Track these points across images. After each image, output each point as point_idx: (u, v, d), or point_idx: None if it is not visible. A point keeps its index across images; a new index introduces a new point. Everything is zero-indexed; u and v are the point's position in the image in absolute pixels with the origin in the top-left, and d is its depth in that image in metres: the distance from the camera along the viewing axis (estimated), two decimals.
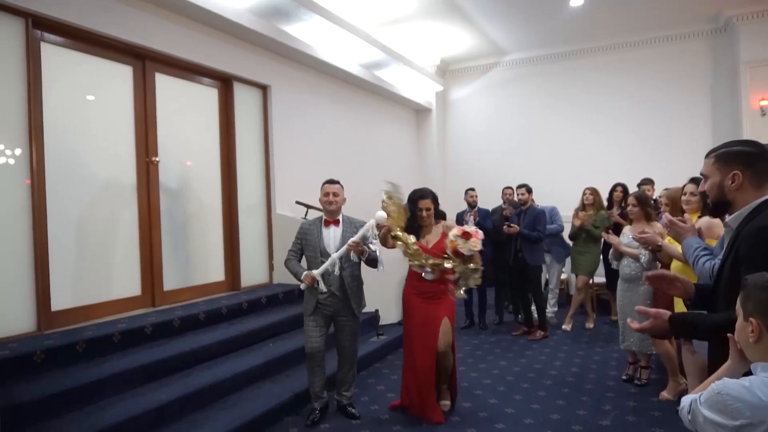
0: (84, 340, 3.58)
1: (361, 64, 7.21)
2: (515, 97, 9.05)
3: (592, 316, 6.23)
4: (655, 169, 6.78)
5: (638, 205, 4.11)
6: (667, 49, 7.99)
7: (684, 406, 1.43)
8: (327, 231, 3.65)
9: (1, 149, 3.65)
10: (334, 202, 3.64)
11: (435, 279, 3.58)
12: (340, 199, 3.67)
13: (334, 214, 3.67)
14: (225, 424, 3.29)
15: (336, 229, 3.65)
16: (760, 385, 1.26)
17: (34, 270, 3.79)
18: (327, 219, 3.68)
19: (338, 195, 3.66)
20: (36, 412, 2.94)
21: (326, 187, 3.68)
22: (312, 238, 3.65)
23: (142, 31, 4.48)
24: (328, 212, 3.68)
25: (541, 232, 5.62)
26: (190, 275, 5.10)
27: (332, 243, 3.61)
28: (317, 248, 3.62)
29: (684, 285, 1.93)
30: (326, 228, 3.66)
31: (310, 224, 3.75)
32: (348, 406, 3.73)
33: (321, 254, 3.59)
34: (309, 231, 3.69)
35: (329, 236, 3.64)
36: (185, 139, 5.10)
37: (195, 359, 3.93)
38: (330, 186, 3.68)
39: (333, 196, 3.64)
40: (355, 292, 3.65)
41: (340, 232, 3.63)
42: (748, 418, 1.23)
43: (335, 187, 3.68)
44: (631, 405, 3.76)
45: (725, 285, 1.73)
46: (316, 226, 3.69)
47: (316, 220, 3.75)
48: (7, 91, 3.68)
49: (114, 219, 4.43)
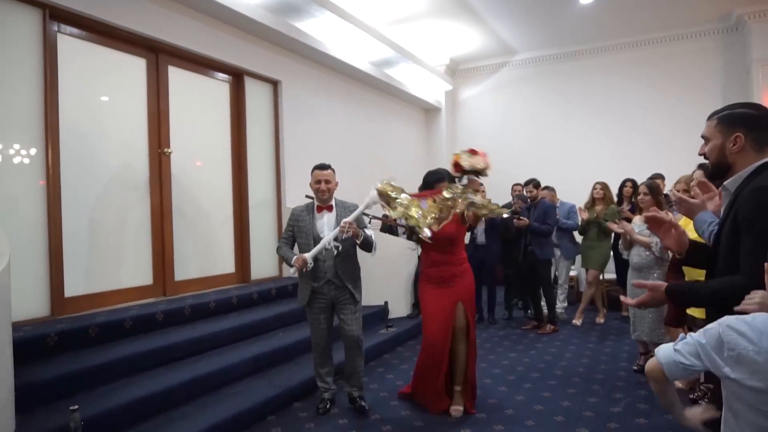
0: (96, 325, 3.62)
1: (371, 62, 7.25)
2: (524, 97, 9.05)
3: (603, 311, 6.19)
4: (665, 168, 6.70)
5: (650, 194, 4.10)
6: (678, 48, 7.97)
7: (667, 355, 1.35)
8: (320, 216, 3.52)
9: (19, 139, 3.71)
10: (327, 190, 3.48)
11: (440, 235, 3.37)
12: (332, 185, 3.52)
13: (327, 200, 3.53)
14: (234, 407, 3.31)
15: (329, 214, 3.52)
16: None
17: (49, 257, 3.84)
18: (320, 205, 3.54)
19: (330, 182, 3.49)
20: (48, 392, 2.97)
21: (317, 174, 3.50)
22: (304, 225, 3.50)
23: (156, 24, 4.55)
24: (320, 200, 3.53)
25: (550, 226, 5.60)
26: (201, 266, 5.14)
27: (326, 229, 3.47)
28: (310, 234, 3.47)
29: (679, 234, 1.95)
30: (318, 214, 3.53)
31: (301, 210, 3.58)
32: (358, 399, 3.58)
33: (314, 241, 3.44)
34: (301, 217, 3.54)
35: (323, 222, 3.50)
36: (197, 132, 5.16)
37: (205, 346, 3.96)
38: (321, 172, 3.49)
39: (325, 184, 3.47)
40: (351, 277, 3.52)
41: (334, 217, 3.50)
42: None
43: (327, 174, 3.49)
44: (643, 394, 3.73)
45: (725, 249, 1.71)
46: (308, 212, 3.54)
47: (308, 206, 3.59)
48: (25, 81, 3.75)
49: (127, 209, 4.48)
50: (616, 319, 6.17)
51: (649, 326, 4.05)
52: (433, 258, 3.56)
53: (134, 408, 3.06)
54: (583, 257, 6.00)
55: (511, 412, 3.49)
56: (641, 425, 3.21)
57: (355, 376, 3.61)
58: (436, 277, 3.55)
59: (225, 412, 3.23)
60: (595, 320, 6.05)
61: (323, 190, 3.46)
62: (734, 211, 1.69)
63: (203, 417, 3.15)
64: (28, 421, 2.69)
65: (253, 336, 4.36)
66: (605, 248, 5.84)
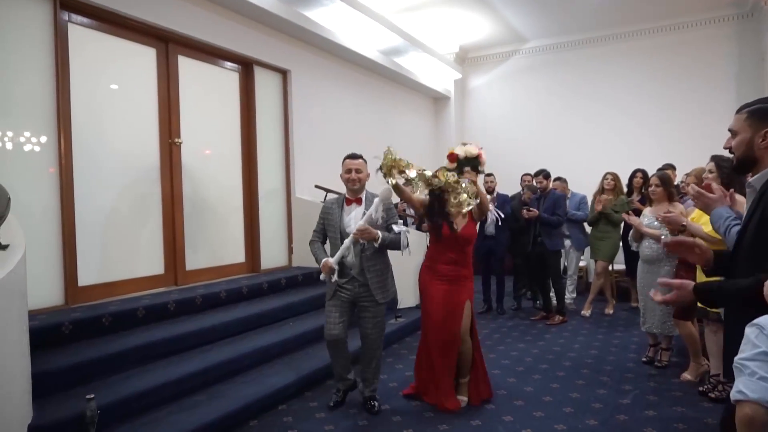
0: (109, 314, 3.66)
1: (380, 51, 7.21)
2: (534, 86, 8.96)
3: (612, 302, 6.18)
4: (676, 158, 6.61)
5: (661, 185, 4.06)
6: (691, 35, 7.84)
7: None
8: (348, 210, 3.37)
9: (31, 130, 3.74)
10: (358, 179, 3.31)
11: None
12: (363, 175, 3.35)
13: (358, 192, 3.37)
14: (246, 396, 3.35)
15: (358, 208, 3.35)
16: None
17: (62, 247, 3.89)
18: (349, 197, 3.40)
19: (361, 171, 3.34)
20: (64, 380, 3.02)
21: (348, 163, 3.35)
22: (333, 218, 3.38)
23: (166, 14, 4.55)
24: (351, 191, 3.38)
25: (560, 216, 5.58)
26: (211, 256, 5.17)
27: (353, 223, 3.29)
28: (338, 229, 3.35)
29: (703, 252, 1.89)
30: (347, 207, 3.38)
31: (331, 203, 3.47)
32: (369, 400, 3.44)
33: (341, 235, 3.32)
34: (330, 210, 3.42)
35: (350, 216, 3.34)
36: (207, 121, 5.16)
37: (216, 335, 4.00)
38: (352, 161, 3.34)
39: (356, 173, 3.31)
40: (376, 277, 3.33)
41: (362, 211, 3.32)
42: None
43: (358, 163, 3.34)
44: (652, 385, 3.73)
45: (749, 248, 1.69)
46: (337, 205, 3.41)
47: (338, 199, 3.48)
48: (36, 70, 3.76)
49: (138, 199, 4.51)
50: (624, 310, 6.16)
51: (659, 318, 4.04)
52: (449, 256, 3.45)
53: (148, 396, 3.10)
54: (592, 248, 5.97)
55: (520, 402, 3.51)
56: (650, 417, 3.22)
57: (369, 374, 3.46)
58: (449, 275, 3.44)
59: (236, 401, 3.27)
60: (604, 311, 6.04)
61: (354, 180, 3.30)
62: (762, 208, 1.67)
63: (215, 405, 3.19)
64: (45, 409, 2.74)
65: (263, 326, 4.40)
66: (614, 239, 5.81)
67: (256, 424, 3.24)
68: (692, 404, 3.39)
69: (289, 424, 3.25)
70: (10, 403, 2.38)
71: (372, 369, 3.45)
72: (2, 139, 3.59)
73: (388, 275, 3.45)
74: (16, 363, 2.49)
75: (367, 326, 3.37)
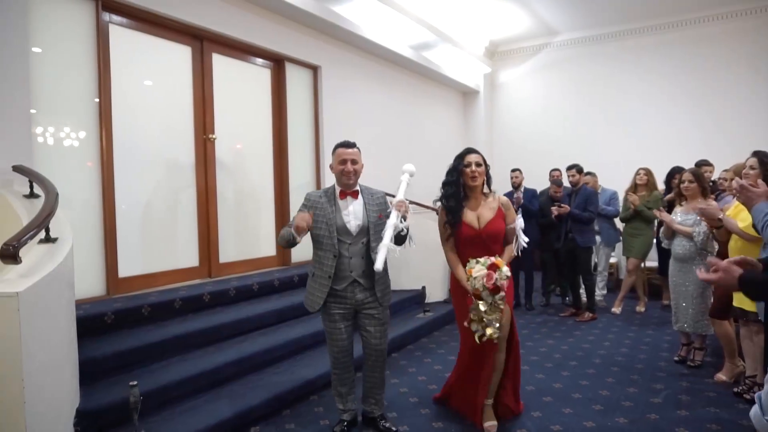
0: (148, 305, 3.80)
1: (409, 45, 7.21)
2: (565, 79, 8.84)
3: (644, 299, 6.10)
4: (713, 154, 6.44)
5: (695, 181, 3.99)
6: (730, 26, 7.61)
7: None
8: (344, 204, 2.92)
9: (74, 126, 3.90)
10: (353, 172, 2.88)
11: None
12: (359, 167, 2.92)
13: (353, 185, 2.94)
14: (279, 385, 3.45)
15: (355, 201, 2.93)
16: None
17: (104, 239, 4.05)
18: (343, 191, 2.95)
19: (357, 162, 2.91)
20: (107, 366, 3.16)
21: (341, 153, 2.89)
22: (324, 213, 2.89)
23: (200, 12, 4.66)
24: (345, 184, 2.92)
25: (592, 213, 5.52)
26: (244, 249, 5.30)
27: (353, 219, 2.89)
28: (333, 225, 2.86)
29: (752, 266, 1.79)
30: (342, 200, 2.93)
31: (319, 196, 2.96)
32: (379, 419, 3.09)
33: (338, 232, 2.87)
34: (319, 204, 2.91)
35: (349, 210, 2.91)
36: (240, 117, 5.28)
37: (250, 327, 4.11)
38: (346, 150, 2.89)
39: (351, 164, 2.87)
40: (383, 277, 2.94)
41: (361, 205, 2.92)
42: None
43: (353, 152, 2.90)
44: (684, 385, 3.69)
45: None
46: (328, 199, 2.93)
47: (326, 192, 2.98)
48: (80, 69, 3.93)
49: (174, 193, 4.65)
50: (656, 308, 6.07)
51: (692, 317, 3.98)
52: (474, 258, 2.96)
53: (186, 384, 3.23)
54: (625, 245, 5.89)
55: (549, 399, 3.51)
56: (683, 417, 3.19)
57: (375, 393, 3.10)
58: None
59: (270, 391, 3.37)
60: (635, 309, 5.96)
61: (349, 172, 2.87)
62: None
63: (250, 395, 3.29)
64: (91, 394, 2.88)
65: (294, 318, 4.49)
66: (648, 236, 5.71)
67: (289, 414, 3.34)
68: (727, 405, 3.34)
69: (321, 414, 3.34)
70: (60, 388, 2.51)
71: (380, 384, 3.10)
72: (47, 135, 3.75)
73: (389, 276, 3.05)
74: (66, 350, 2.63)
75: (375, 336, 2.96)
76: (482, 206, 3.09)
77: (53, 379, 2.42)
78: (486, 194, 3.14)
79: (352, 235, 2.89)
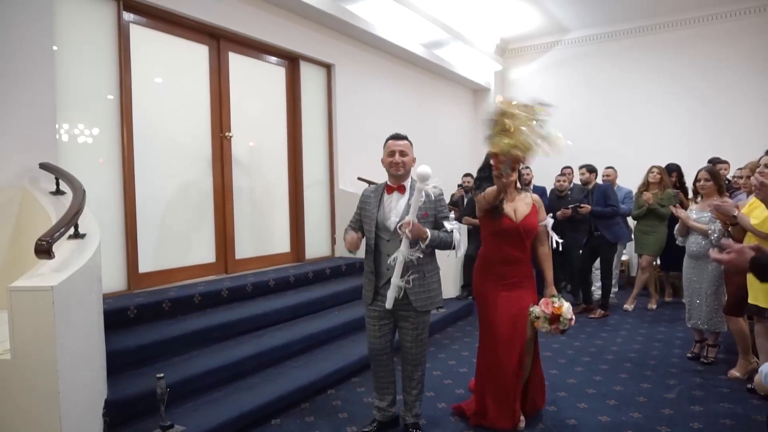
0: (169, 300, 3.87)
1: (421, 43, 7.24)
2: (577, 77, 8.82)
3: (656, 296, 6.12)
4: (728, 152, 6.42)
5: (711, 179, 4.01)
6: (744, 22, 7.54)
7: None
8: (389, 199, 2.89)
9: (96, 123, 3.98)
10: (402, 163, 2.84)
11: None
12: (409, 159, 2.88)
13: (401, 178, 2.88)
14: (298, 379, 3.52)
15: (401, 197, 2.88)
16: None
17: (125, 235, 4.13)
18: (390, 185, 2.92)
19: (406, 154, 2.87)
20: (132, 359, 3.24)
21: (391, 144, 2.88)
22: (370, 208, 2.92)
23: (218, 12, 4.72)
24: (393, 177, 2.89)
25: (614, 207, 5.57)
26: (259, 246, 5.37)
27: (393, 215, 2.84)
28: (373, 220, 2.87)
29: None
30: (388, 195, 2.90)
31: (371, 191, 3.00)
32: (411, 428, 3.01)
33: (377, 227, 2.86)
34: (368, 199, 2.96)
35: (390, 205, 2.87)
36: (255, 115, 5.34)
37: (267, 321, 4.18)
38: (396, 143, 2.87)
39: (400, 156, 2.85)
40: (417, 281, 2.82)
41: (404, 201, 2.85)
42: None
43: (403, 144, 2.88)
44: (698, 381, 3.73)
45: None
46: (375, 194, 2.95)
47: (377, 187, 3.01)
48: (102, 68, 4.00)
49: (192, 190, 4.72)
50: (668, 305, 6.08)
51: (706, 314, 4.01)
52: (509, 253, 3.00)
53: (208, 376, 3.31)
54: (637, 242, 5.91)
55: (563, 394, 3.56)
56: (696, 412, 3.23)
57: (409, 395, 3.03)
58: (511, 277, 3.03)
59: (288, 384, 3.44)
60: (647, 306, 5.99)
61: (397, 164, 2.84)
62: None
63: (269, 388, 3.37)
64: (117, 385, 2.96)
65: (310, 313, 4.56)
66: (661, 234, 5.73)
67: (308, 407, 3.41)
68: (740, 401, 3.38)
69: (339, 407, 3.40)
70: (91, 379, 2.59)
71: (413, 391, 3.01)
72: (70, 132, 3.84)
73: (434, 279, 2.94)
74: (95, 342, 2.71)
75: (406, 339, 2.92)
76: (517, 200, 3.07)
77: (84, 370, 2.50)
78: (519, 190, 3.13)
79: (389, 231, 2.83)
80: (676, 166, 6.07)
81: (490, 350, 3.06)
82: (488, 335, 3.07)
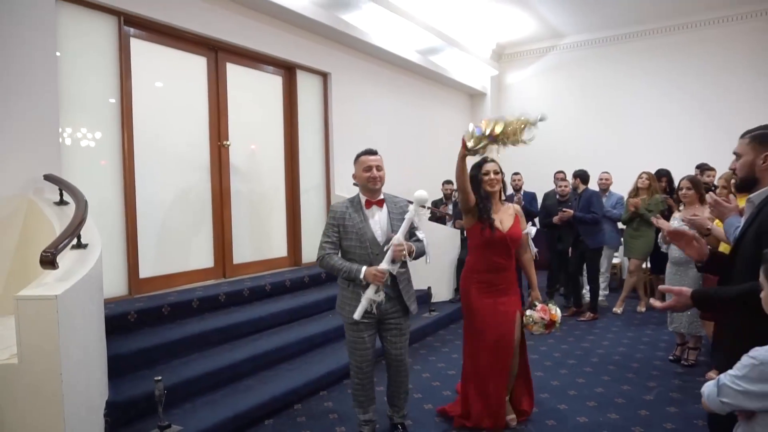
0: (168, 304, 4.03)
1: (416, 50, 7.38)
2: (572, 82, 8.95)
3: (645, 299, 6.24)
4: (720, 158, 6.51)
5: (693, 188, 4.14)
6: (736, 28, 7.66)
7: (710, 391, 1.49)
8: (371, 213, 2.91)
9: (98, 131, 4.14)
10: (379, 178, 2.88)
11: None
12: (383, 173, 2.92)
13: (378, 192, 2.93)
14: (292, 381, 3.68)
15: (380, 211, 2.92)
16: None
17: (126, 241, 4.29)
18: (369, 199, 2.93)
19: (382, 168, 2.91)
20: (133, 362, 3.40)
21: (366, 160, 2.88)
22: (354, 224, 2.87)
23: (215, 25, 4.87)
24: (370, 191, 2.92)
25: (596, 214, 5.68)
26: (257, 250, 5.53)
27: (379, 229, 2.89)
28: (365, 236, 2.85)
29: (700, 246, 2.11)
30: (368, 210, 2.92)
31: (345, 207, 2.93)
32: (400, 426, 3.14)
33: (370, 244, 2.85)
34: (348, 216, 2.88)
35: (375, 221, 2.91)
36: (252, 124, 5.50)
37: (264, 325, 4.34)
38: (371, 158, 2.89)
39: (376, 171, 2.87)
40: (407, 286, 2.96)
41: (386, 216, 2.92)
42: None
43: (378, 159, 2.91)
44: (677, 383, 3.86)
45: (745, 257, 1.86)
46: (356, 209, 2.91)
47: (351, 201, 2.97)
48: (104, 79, 4.17)
49: (190, 197, 4.88)
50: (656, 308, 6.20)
51: (687, 318, 4.14)
52: (496, 262, 3.13)
53: (205, 379, 3.47)
54: (626, 246, 6.04)
55: (545, 395, 3.70)
56: (672, 413, 3.36)
57: (399, 400, 3.12)
58: (497, 285, 3.15)
59: (283, 386, 3.60)
60: (636, 309, 6.12)
61: (375, 178, 2.86)
62: (758, 223, 1.84)
63: (264, 389, 3.52)
64: (118, 387, 3.11)
65: (306, 317, 4.72)
66: (649, 238, 5.84)
67: (300, 408, 3.56)
68: None
69: (330, 408, 3.56)
70: (93, 382, 2.74)
71: (402, 395, 3.11)
72: (72, 140, 4.00)
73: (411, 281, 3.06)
74: (97, 347, 2.87)
75: (397, 346, 2.97)
76: (501, 212, 3.20)
77: (86, 374, 2.65)
78: (502, 202, 3.26)
79: (380, 246, 2.86)
80: (666, 172, 6.20)
81: (477, 354, 3.18)
82: (475, 339, 3.19)
